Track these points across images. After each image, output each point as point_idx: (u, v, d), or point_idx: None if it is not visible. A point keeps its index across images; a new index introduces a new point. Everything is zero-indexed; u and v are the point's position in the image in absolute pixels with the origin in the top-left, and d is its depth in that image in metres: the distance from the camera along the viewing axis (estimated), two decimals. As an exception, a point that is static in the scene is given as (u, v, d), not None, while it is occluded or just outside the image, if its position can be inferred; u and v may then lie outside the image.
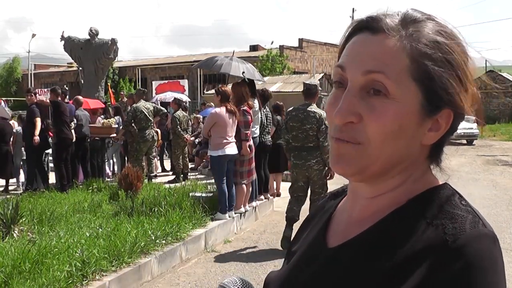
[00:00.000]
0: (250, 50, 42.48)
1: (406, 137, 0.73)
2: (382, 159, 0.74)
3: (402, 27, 0.73)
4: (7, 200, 5.98)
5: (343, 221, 0.83)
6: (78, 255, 4.38)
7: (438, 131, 0.75)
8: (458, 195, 0.75)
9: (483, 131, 22.92)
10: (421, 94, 0.72)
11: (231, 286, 0.94)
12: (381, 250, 0.72)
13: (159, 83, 24.36)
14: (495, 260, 0.67)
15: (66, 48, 14.95)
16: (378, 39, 0.73)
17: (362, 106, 0.72)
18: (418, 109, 0.72)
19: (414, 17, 0.75)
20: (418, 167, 0.77)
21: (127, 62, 51.68)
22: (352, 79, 0.73)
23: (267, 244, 6.21)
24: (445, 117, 0.74)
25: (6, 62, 52.41)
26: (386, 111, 0.71)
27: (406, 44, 0.72)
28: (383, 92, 0.71)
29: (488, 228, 0.70)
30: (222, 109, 6.46)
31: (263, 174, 8.03)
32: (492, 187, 10.11)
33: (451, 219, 0.69)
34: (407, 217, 0.73)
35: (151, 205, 6.46)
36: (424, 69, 0.71)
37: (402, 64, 0.71)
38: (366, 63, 0.72)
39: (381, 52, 0.72)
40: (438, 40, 0.73)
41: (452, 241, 0.66)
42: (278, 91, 28.29)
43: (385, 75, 0.71)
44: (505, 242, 6.09)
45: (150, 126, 9.38)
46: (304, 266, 0.83)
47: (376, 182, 0.77)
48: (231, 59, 8.35)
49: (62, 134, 8.41)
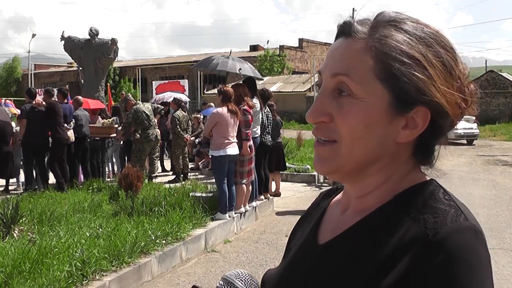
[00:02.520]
0: (250, 50, 42.50)
1: (376, 135, 0.75)
2: (355, 157, 0.76)
3: (370, 31, 0.76)
4: (7, 200, 5.98)
5: (333, 218, 0.87)
6: (78, 255, 4.38)
7: (415, 129, 0.75)
8: (442, 190, 0.76)
9: (482, 130, 22.95)
10: (388, 93, 0.74)
11: (234, 278, 0.94)
12: (366, 245, 0.74)
13: (159, 83, 24.37)
14: (477, 253, 0.67)
15: (66, 48, 14.94)
16: (347, 43, 0.77)
17: (332, 106, 0.76)
18: (386, 107, 0.74)
19: (384, 20, 0.77)
20: (400, 165, 0.79)
21: (127, 62, 51.69)
22: (325, 81, 0.79)
23: (267, 244, 6.21)
24: (421, 115, 0.74)
25: (6, 62, 52.43)
26: (352, 110, 0.75)
27: (371, 46, 0.75)
28: (348, 93, 0.75)
29: (471, 221, 0.70)
30: (223, 109, 6.46)
31: (263, 174, 8.03)
32: (492, 187, 10.11)
33: (433, 213, 0.71)
34: (391, 212, 0.75)
35: (151, 205, 6.46)
36: (389, 69, 0.73)
37: (367, 65, 0.74)
38: (334, 66, 0.77)
39: (348, 55, 0.76)
40: (406, 41, 0.74)
41: (433, 235, 0.68)
42: (278, 91, 28.31)
43: (349, 77, 0.75)
44: (505, 242, 6.09)
45: (152, 126, 9.38)
46: (297, 263, 0.85)
47: (356, 181, 0.80)
48: (227, 58, 8.36)
49: (56, 134, 8.49)
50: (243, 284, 0.94)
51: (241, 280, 0.94)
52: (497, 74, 31.25)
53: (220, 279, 0.96)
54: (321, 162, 0.79)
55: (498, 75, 31.01)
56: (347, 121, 0.75)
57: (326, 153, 0.78)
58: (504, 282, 4.75)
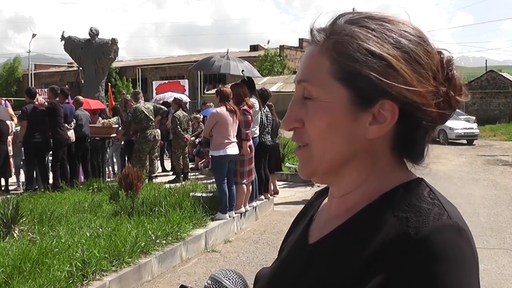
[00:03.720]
0: (250, 50, 42.49)
1: (341, 133, 0.76)
2: (327, 157, 0.78)
3: (327, 34, 0.78)
4: (8, 200, 5.97)
5: (322, 219, 0.87)
6: (78, 255, 4.39)
7: (383, 123, 0.75)
8: (428, 189, 0.75)
9: (482, 130, 22.93)
10: (347, 91, 0.75)
11: (222, 277, 0.94)
12: (352, 245, 0.74)
13: (160, 83, 24.36)
14: (460, 251, 0.67)
15: (66, 48, 14.94)
16: (310, 50, 0.80)
17: (302, 112, 0.79)
18: (347, 105, 0.75)
19: (341, 21, 0.78)
20: (378, 162, 0.78)
21: (127, 62, 51.70)
22: (296, 89, 0.82)
23: (267, 244, 6.21)
24: (388, 108, 0.74)
25: (6, 62, 52.43)
26: (315, 112, 0.77)
27: (327, 49, 0.77)
28: (310, 97, 0.78)
29: (454, 219, 0.70)
30: (222, 108, 6.47)
31: (263, 174, 8.03)
32: (492, 187, 10.10)
33: (416, 212, 0.71)
34: (377, 212, 0.75)
35: (152, 205, 6.46)
36: (344, 67, 0.75)
37: (323, 67, 0.77)
38: (299, 74, 0.81)
39: (309, 62, 0.79)
40: (360, 37, 0.74)
41: (415, 233, 0.67)
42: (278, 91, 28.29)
43: (309, 82, 0.78)
44: (505, 242, 6.09)
45: (151, 126, 9.38)
46: (289, 262, 0.86)
47: (336, 181, 0.82)
48: (227, 58, 8.36)
49: (56, 135, 8.52)
50: (231, 283, 0.94)
51: (229, 279, 0.94)
52: (497, 74, 31.25)
53: (208, 278, 0.96)
54: (300, 166, 0.82)
55: (498, 75, 31.02)
56: (312, 123, 0.77)
57: (302, 157, 0.81)
58: (504, 282, 4.75)
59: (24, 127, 8.46)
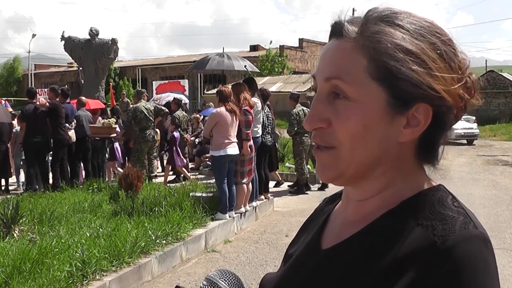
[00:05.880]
0: (250, 50, 42.48)
1: (376, 136, 0.73)
2: (357, 161, 0.74)
3: (361, 29, 0.73)
4: (7, 200, 5.97)
5: (337, 223, 0.84)
6: (78, 255, 4.39)
7: (417, 127, 0.73)
8: (451, 197, 0.74)
9: (482, 130, 22.93)
10: (384, 92, 0.72)
11: (217, 278, 0.94)
12: (373, 251, 0.71)
13: (160, 83, 24.35)
14: (485, 262, 0.66)
15: (66, 48, 14.96)
16: (338, 44, 0.75)
17: (329, 111, 0.74)
18: (384, 107, 0.72)
19: (375, 16, 0.74)
20: (403, 166, 0.76)
21: (127, 62, 51.67)
22: (319, 86, 0.76)
23: (267, 244, 6.20)
24: (422, 111, 0.72)
25: (6, 62, 52.39)
26: (348, 113, 0.72)
27: (363, 46, 0.72)
28: (343, 96, 0.73)
29: (480, 229, 0.68)
30: (221, 108, 6.47)
31: (264, 174, 8.03)
32: (492, 187, 10.10)
33: (441, 220, 0.68)
34: (399, 219, 0.72)
35: (151, 205, 6.46)
36: (383, 67, 0.71)
37: (359, 65, 0.72)
38: (326, 70, 0.75)
39: (339, 57, 0.74)
40: (399, 36, 0.71)
41: (441, 242, 0.65)
42: (278, 91, 28.26)
43: (342, 80, 0.72)
44: (505, 242, 6.09)
45: (150, 126, 9.38)
46: (299, 268, 0.83)
47: (360, 185, 0.78)
48: (222, 56, 8.36)
49: (57, 136, 8.53)
50: (227, 284, 0.93)
51: (225, 280, 0.94)
52: (497, 74, 31.22)
53: (203, 279, 0.95)
54: (323, 169, 0.77)
55: (498, 75, 30.99)
56: (345, 125, 0.72)
57: (326, 159, 0.76)
58: (504, 282, 4.75)
59: (23, 128, 8.47)
